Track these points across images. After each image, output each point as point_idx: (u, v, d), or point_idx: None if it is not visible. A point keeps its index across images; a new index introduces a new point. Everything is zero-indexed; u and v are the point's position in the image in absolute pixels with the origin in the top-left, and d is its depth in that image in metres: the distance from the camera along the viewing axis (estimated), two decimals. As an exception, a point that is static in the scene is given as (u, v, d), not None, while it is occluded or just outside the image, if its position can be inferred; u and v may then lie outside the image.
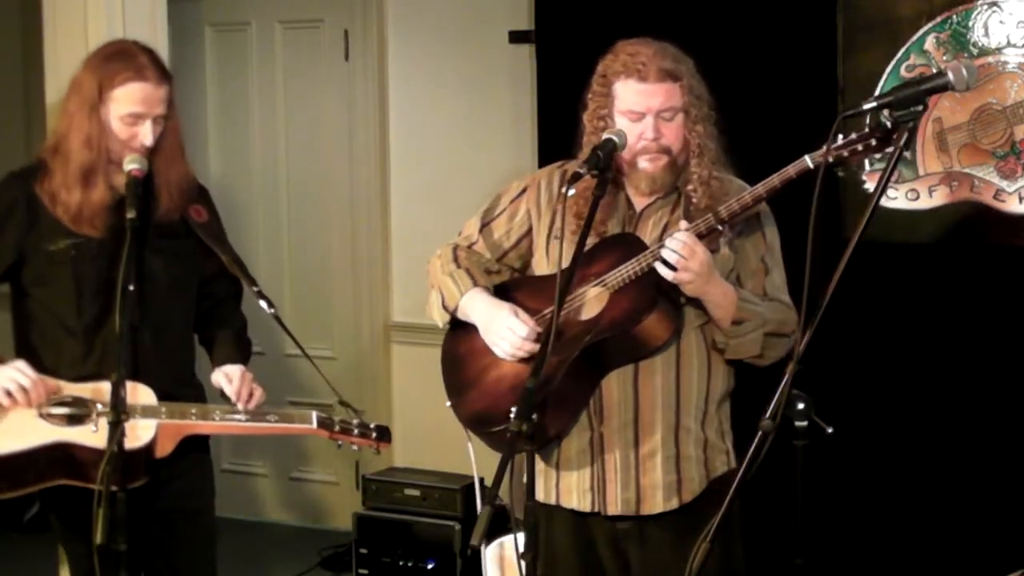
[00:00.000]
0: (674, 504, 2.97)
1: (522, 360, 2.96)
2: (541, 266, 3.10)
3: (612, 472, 2.97)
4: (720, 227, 2.84)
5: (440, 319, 3.15)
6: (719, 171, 2.97)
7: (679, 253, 2.79)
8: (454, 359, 3.13)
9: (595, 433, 2.97)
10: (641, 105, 2.90)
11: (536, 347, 2.92)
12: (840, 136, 2.71)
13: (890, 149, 2.61)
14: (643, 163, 2.92)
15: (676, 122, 2.93)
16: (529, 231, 3.12)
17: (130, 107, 3.15)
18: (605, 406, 2.95)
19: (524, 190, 3.14)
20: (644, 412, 2.95)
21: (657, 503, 2.96)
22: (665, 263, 2.81)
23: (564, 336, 2.92)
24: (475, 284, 3.07)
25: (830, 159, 2.69)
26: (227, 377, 3.29)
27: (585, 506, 3.00)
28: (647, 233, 2.98)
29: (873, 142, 2.67)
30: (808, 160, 2.75)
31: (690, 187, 2.95)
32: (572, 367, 2.88)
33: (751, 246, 2.99)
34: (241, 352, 3.41)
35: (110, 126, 3.15)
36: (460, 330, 3.13)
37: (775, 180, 2.79)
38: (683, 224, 2.85)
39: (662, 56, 2.92)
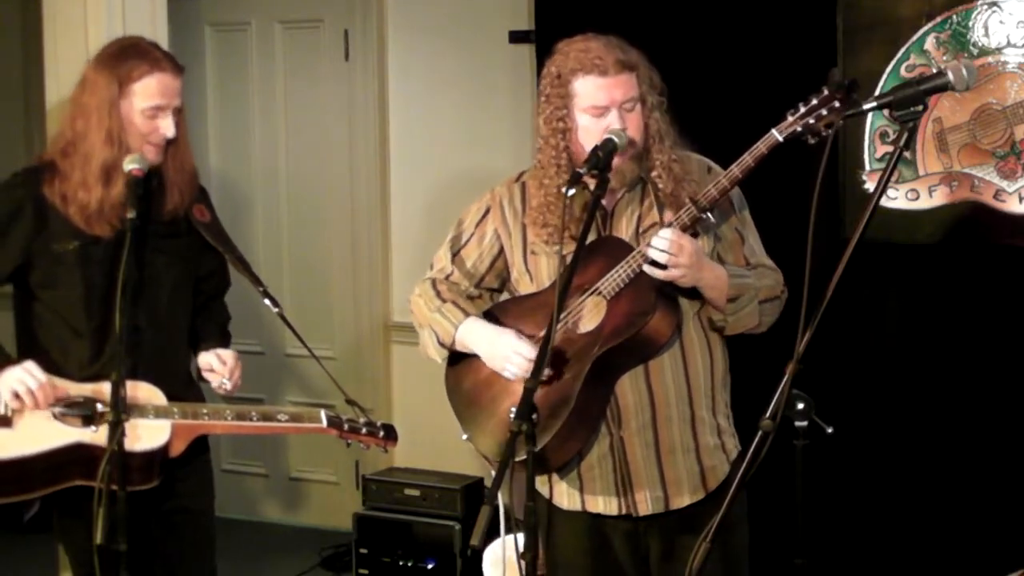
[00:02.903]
0: (700, 495, 2.99)
1: None
2: (523, 283, 3.08)
3: (638, 474, 2.97)
4: (704, 215, 2.84)
5: (438, 356, 3.12)
6: (677, 151, 2.97)
7: (667, 251, 2.78)
8: (462, 393, 3.11)
9: (614, 437, 2.96)
10: (604, 99, 2.88)
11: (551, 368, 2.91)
12: (801, 105, 2.73)
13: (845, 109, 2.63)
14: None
15: (636, 112, 2.91)
16: (501, 251, 3.11)
17: (152, 100, 3.16)
18: (622, 410, 2.95)
19: (487, 211, 3.13)
20: (660, 410, 2.95)
21: (684, 497, 2.98)
22: (655, 264, 2.81)
23: (569, 352, 2.92)
24: (466, 315, 3.06)
25: (798, 128, 2.72)
26: (220, 358, 3.31)
27: (612, 510, 3.00)
28: (623, 230, 2.97)
29: (836, 103, 2.67)
30: (776, 133, 2.76)
31: (654, 174, 2.94)
32: (585, 381, 2.88)
33: (723, 219, 2.98)
34: (226, 342, 3.44)
35: (131, 121, 3.16)
36: (460, 363, 3.10)
37: (748, 159, 2.80)
38: (667, 218, 2.85)
39: (614, 48, 2.91)
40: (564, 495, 3.05)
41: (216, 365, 3.30)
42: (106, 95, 3.15)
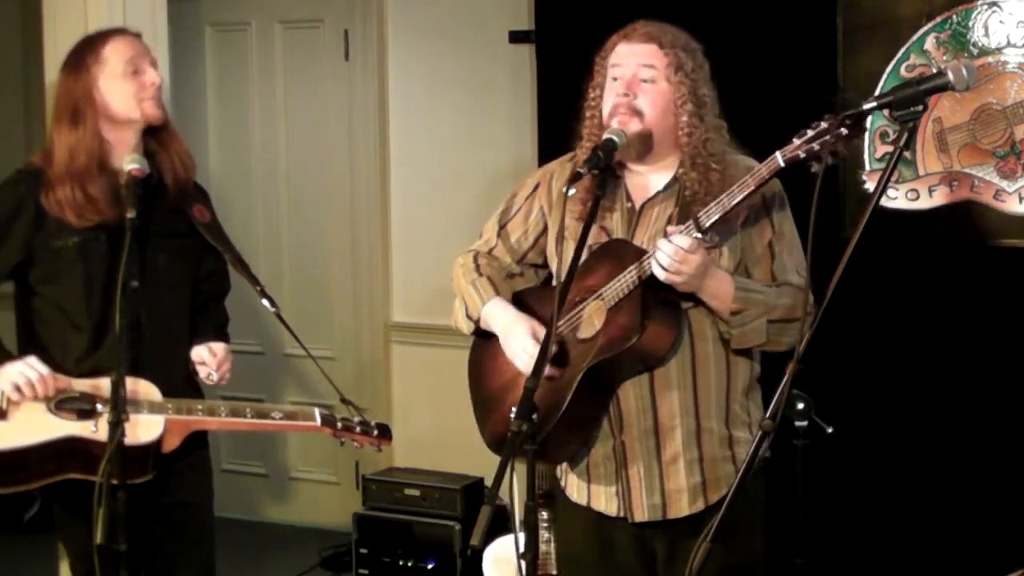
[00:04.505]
0: (700, 506, 2.93)
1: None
2: (552, 263, 3.07)
3: (636, 480, 2.94)
4: (701, 235, 2.76)
5: (466, 328, 3.12)
6: (721, 158, 2.89)
7: (673, 259, 2.74)
8: (479, 371, 3.12)
9: (617, 441, 2.94)
10: (622, 59, 2.90)
11: (550, 370, 2.90)
12: (809, 130, 2.64)
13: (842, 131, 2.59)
14: (613, 124, 2.86)
15: (657, 89, 2.88)
16: (545, 228, 3.09)
17: (126, 54, 3.21)
18: (624, 415, 2.92)
19: (537, 186, 3.10)
20: (663, 419, 2.90)
21: (683, 507, 2.93)
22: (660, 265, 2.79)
23: (568, 357, 2.92)
24: (496, 294, 3.06)
25: (801, 154, 2.63)
26: (211, 351, 3.34)
27: (612, 511, 2.98)
28: (647, 227, 2.93)
29: (843, 131, 2.59)
30: (779, 158, 2.68)
31: (681, 170, 2.89)
32: (580, 388, 2.86)
33: (756, 233, 2.91)
34: (224, 339, 3.46)
35: (116, 88, 3.19)
36: (486, 342, 3.10)
37: (750, 182, 2.73)
38: (670, 229, 2.80)
39: (654, 25, 2.93)
40: (574, 487, 3.05)
41: (206, 357, 3.34)
42: (73, 86, 3.20)
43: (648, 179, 2.97)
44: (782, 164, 2.69)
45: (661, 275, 2.77)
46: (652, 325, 2.82)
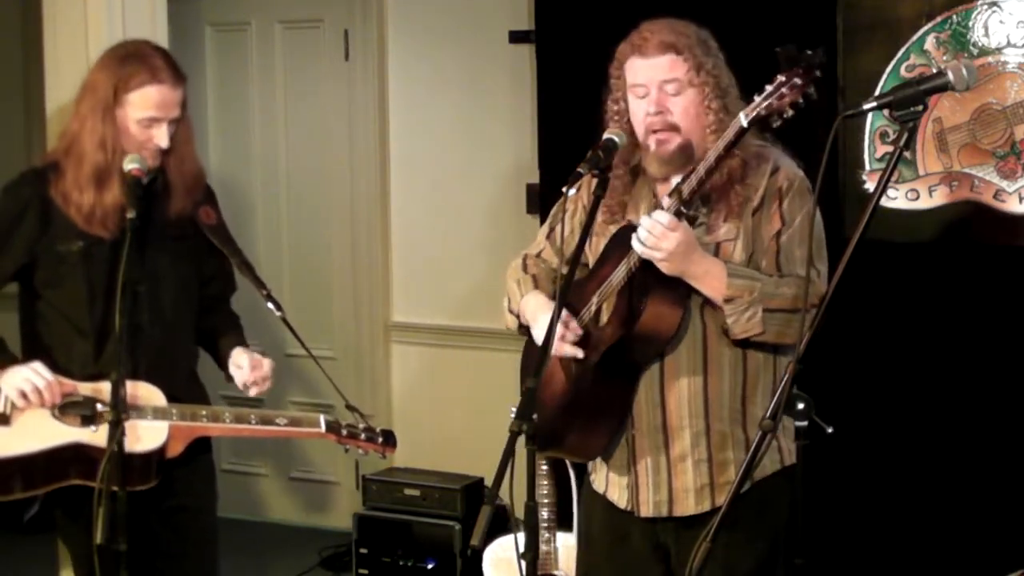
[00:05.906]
0: (706, 507, 2.91)
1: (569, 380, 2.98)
2: (590, 260, 3.07)
3: (644, 475, 2.95)
4: (684, 209, 2.76)
5: (511, 323, 3.15)
6: (753, 147, 2.86)
7: (651, 233, 2.74)
8: (526, 365, 3.15)
9: (629, 434, 2.96)
10: (643, 77, 2.86)
11: (573, 350, 2.93)
12: (768, 86, 2.67)
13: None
14: (651, 143, 2.86)
15: (685, 97, 2.86)
16: None
17: (146, 111, 3.16)
18: (635, 409, 2.93)
19: (579, 189, 3.08)
20: (671, 417, 2.90)
21: (689, 506, 2.93)
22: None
23: (588, 344, 2.94)
24: (534, 288, 3.08)
25: (762, 112, 2.66)
26: (258, 364, 3.31)
27: (622, 503, 3.00)
28: None
29: (798, 80, 2.61)
30: (742, 118, 2.69)
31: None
32: (599, 375, 2.88)
33: (766, 224, 2.88)
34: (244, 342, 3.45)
35: (126, 128, 3.17)
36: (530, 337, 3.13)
37: (720, 146, 2.73)
38: (665, 202, 2.80)
39: (665, 30, 2.88)
40: (596, 474, 3.08)
41: (245, 364, 3.30)
42: (101, 98, 3.17)
43: (655, 169, 2.96)
44: (744, 124, 2.69)
45: (640, 250, 2.77)
46: (652, 306, 2.82)
